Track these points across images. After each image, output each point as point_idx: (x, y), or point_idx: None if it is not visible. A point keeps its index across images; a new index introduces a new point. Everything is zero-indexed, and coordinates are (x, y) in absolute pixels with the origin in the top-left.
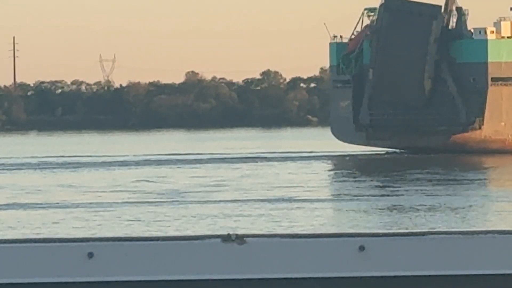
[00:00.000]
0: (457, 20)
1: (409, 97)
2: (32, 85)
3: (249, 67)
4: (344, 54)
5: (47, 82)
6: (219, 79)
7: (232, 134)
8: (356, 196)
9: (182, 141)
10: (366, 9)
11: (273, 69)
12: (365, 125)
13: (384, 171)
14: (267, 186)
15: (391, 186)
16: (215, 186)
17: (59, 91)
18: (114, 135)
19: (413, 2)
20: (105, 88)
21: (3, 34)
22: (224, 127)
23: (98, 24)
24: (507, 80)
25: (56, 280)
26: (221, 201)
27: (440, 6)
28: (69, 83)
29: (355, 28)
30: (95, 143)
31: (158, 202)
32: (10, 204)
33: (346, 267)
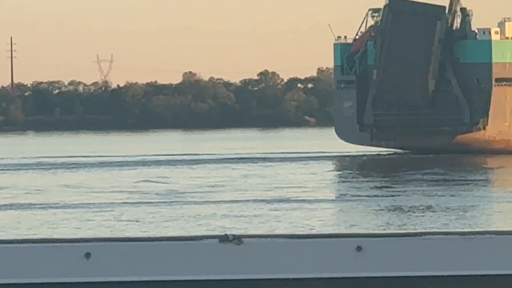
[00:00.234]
0: (461, 20)
1: (413, 97)
2: (29, 85)
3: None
4: (348, 55)
5: (45, 83)
6: (217, 79)
7: (230, 134)
8: (355, 196)
9: (180, 142)
10: (370, 9)
11: (270, 69)
12: (369, 126)
13: (387, 171)
14: (266, 186)
15: (392, 186)
16: (215, 187)
17: (56, 91)
18: (111, 135)
19: (417, 2)
20: (103, 88)
21: (0, 34)
22: (221, 127)
23: (95, 25)
24: (511, 80)
25: (53, 281)
26: (219, 201)
27: (444, 7)
28: (66, 83)
29: (359, 28)
30: (92, 143)
31: (156, 202)
32: (8, 205)
33: (343, 268)
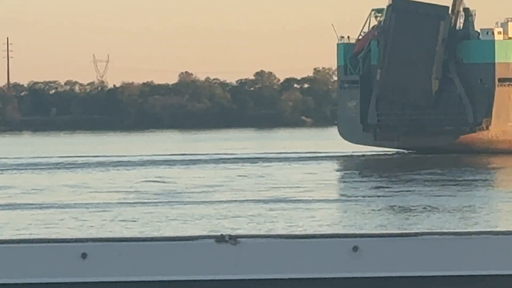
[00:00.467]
0: (464, 20)
1: (416, 97)
2: (26, 85)
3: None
4: (352, 55)
5: (41, 83)
6: (213, 79)
7: (227, 134)
8: (352, 196)
9: (177, 142)
10: (373, 10)
11: (266, 69)
12: (372, 126)
13: (388, 171)
14: (263, 186)
15: (392, 186)
16: (212, 187)
17: (53, 91)
18: (108, 135)
19: (421, 2)
20: (99, 88)
21: None
22: (218, 127)
23: (91, 24)
24: None
25: (49, 281)
26: (216, 201)
27: (448, 7)
28: (62, 83)
29: (362, 28)
30: (89, 143)
31: (153, 202)
32: (4, 205)
33: (339, 268)
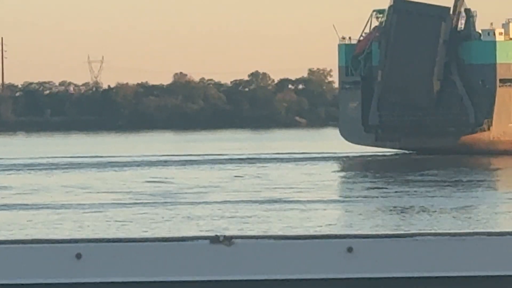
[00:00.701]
0: (466, 21)
1: (418, 98)
2: (20, 86)
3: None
4: (353, 56)
5: (35, 83)
6: (208, 80)
7: (221, 135)
8: (349, 197)
9: (171, 142)
10: (374, 10)
11: (261, 70)
12: (374, 126)
13: (389, 172)
14: (259, 187)
15: (392, 187)
16: (206, 187)
17: (47, 92)
18: (102, 136)
19: (422, 3)
20: (93, 89)
21: None
22: (212, 128)
23: (86, 25)
24: None
25: (43, 281)
26: (211, 202)
27: (449, 8)
28: (57, 84)
29: (363, 29)
30: (84, 144)
31: (148, 203)
32: None
33: (334, 269)
